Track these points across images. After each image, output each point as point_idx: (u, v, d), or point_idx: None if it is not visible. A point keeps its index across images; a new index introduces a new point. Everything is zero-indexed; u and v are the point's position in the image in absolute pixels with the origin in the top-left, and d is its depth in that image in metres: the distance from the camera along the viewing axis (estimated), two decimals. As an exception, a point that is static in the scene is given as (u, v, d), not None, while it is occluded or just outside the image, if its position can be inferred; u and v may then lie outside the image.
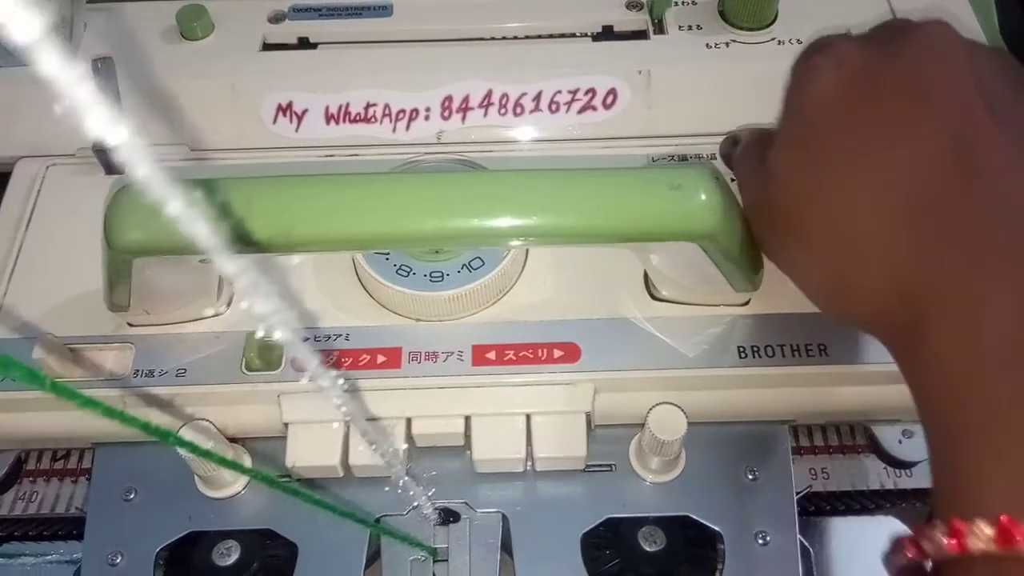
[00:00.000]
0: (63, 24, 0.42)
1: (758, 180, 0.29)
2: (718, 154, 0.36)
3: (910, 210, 0.23)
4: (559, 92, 0.42)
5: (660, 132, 0.42)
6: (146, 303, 0.35)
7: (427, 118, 0.42)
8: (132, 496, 0.36)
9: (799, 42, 0.43)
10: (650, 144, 0.41)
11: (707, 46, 0.43)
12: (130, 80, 0.41)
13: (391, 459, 0.30)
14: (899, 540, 0.22)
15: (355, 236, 0.30)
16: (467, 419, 0.35)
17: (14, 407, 0.36)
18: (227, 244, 0.16)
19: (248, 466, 0.36)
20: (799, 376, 0.35)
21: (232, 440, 0.36)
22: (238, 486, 0.36)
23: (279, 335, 0.19)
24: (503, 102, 0.42)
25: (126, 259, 0.30)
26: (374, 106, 0.42)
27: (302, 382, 0.33)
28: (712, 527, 0.35)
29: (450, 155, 0.41)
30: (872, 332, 0.25)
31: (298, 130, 0.42)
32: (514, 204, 0.29)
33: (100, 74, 0.38)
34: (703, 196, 0.29)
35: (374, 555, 0.35)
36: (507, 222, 0.29)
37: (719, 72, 0.42)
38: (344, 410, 0.24)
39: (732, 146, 0.34)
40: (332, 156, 0.42)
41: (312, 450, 0.34)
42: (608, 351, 0.35)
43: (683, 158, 0.41)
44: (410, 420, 0.35)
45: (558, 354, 0.35)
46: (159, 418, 0.35)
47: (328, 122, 0.42)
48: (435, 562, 0.35)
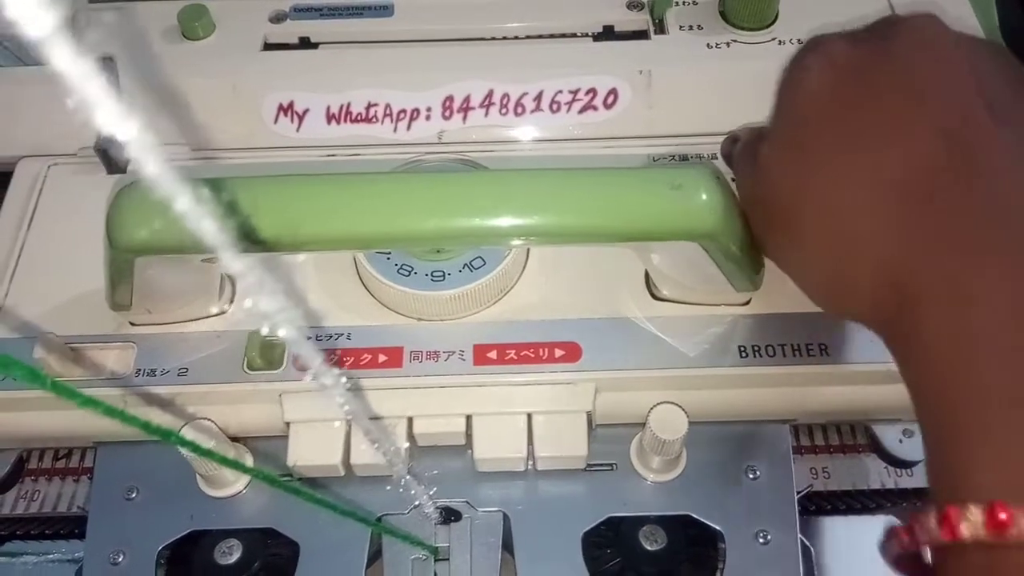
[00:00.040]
0: (65, 26, 0.42)
1: (753, 178, 0.29)
2: (719, 153, 0.36)
3: (902, 205, 0.23)
4: (560, 92, 0.42)
5: (661, 132, 0.42)
6: (148, 302, 0.35)
7: (428, 118, 0.42)
8: (134, 495, 0.36)
9: (800, 42, 0.43)
10: (651, 144, 0.41)
11: (708, 46, 0.43)
12: (132, 80, 0.41)
13: (392, 458, 0.30)
14: (893, 528, 0.22)
15: (357, 235, 0.30)
16: (468, 418, 0.35)
17: (16, 406, 0.36)
18: (231, 243, 0.16)
19: (250, 465, 0.36)
20: (800, 375, 0.35)
21: (234, 439, 0.36)
22: (240, 485, 0.36)
23: (283, 333, 0.19)
24: (504, 102, 0.42)
25: (128, 258, 0.30)
26: (375, 106, 0.42)
27: (305, 381, 0.34)
28: (713, 526, 0.35)
29: (451, 155, 0.41)
30: (868, 325, 0.26)
31: (299, 130, 0.42)
32: (515, 204, 0.29)
33: (102, 74, 0.38)
34: (704, 196, 0.29)
35: (375, 554, 0.35)
36: (509, 221, 0.29)
37: (720, 72, 0.42)
38: (346, 408, 0.24)
39: (733, 145, 0.34)
40: (333, 156, 0.42)
41: (314, 449, 0.34)
42: (609, 350, 0.35)
43: (684, 158, 0.41)
44: (411, 419, 0.35)
45: (559, 353, 0.35)
46: (161, 417, 0.35)
47: (329, 122, 0.42)
48: (436, 561, 0.35)
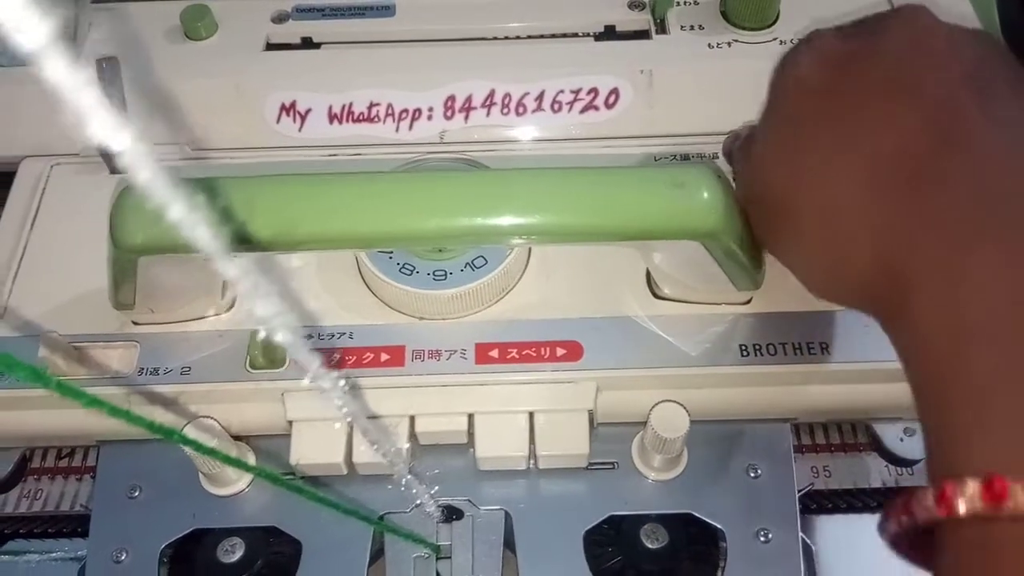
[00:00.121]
0: (68, 27, 0.42)
1: (748, 173, 0.30)
2: (721, 152, 0.36)
3: (893, 191, 0.24)
4: (561, 92, 0.42)
5: (662, 131, 0.42)
6: (151, 301, 0.35)
7: (430, 118, 0.42)
8: (137, 493, 0.36)
9: (800, 42, 0.43)
10: (652, 143, 0.41)
11: (709, 46, 0.43)
12: (134, 80, 0.41)
13: (394, 457, 0.30)
14: (890, 506, 0.22)
15: (359, 234, 0.30)
16: (470, 417, 0.35)
17: (19, 405, 0.36)
18: (231, 243, 0.16)
19: (252, 464, 0.36)
20: (801, 374, 0.35)
21: (236, 438, 0.36)
22: (242, 484, 0.36)
23: (280, 337, 0.19)
24: (505, 102, 0.42)
25: (131, 257, 0.31)
26: (377, 106, 0.42)
27: (305, 381, 0.34)
28: (714, 525, 0.35)
29: (453, 155, 0.41)
30: (865, 311, 0.26)
31: (301, 130, 0.42)
32: (518, 203, 0.29)
33: (105, 74, 0.38)
34: (705, 194, 0.29)
35: (378, 552, 0.35)
36: (511, 220, 0.29)
37: (721, 72, 0.42)
38: (345, 411, 0.25)
39: (735, 143, 0.34)
40: (335, 155, 0.42)
41: (316, 448, 0.35)
42: (610, 349, 0.35)
43: (685, 157, 0.41)
44: (413, 418, 0.35)
45: (561, 352, 0.35)
46: (164, 416, 0.35)
47: (331, 122, 0.42)
48: (438, 559, 0.35)
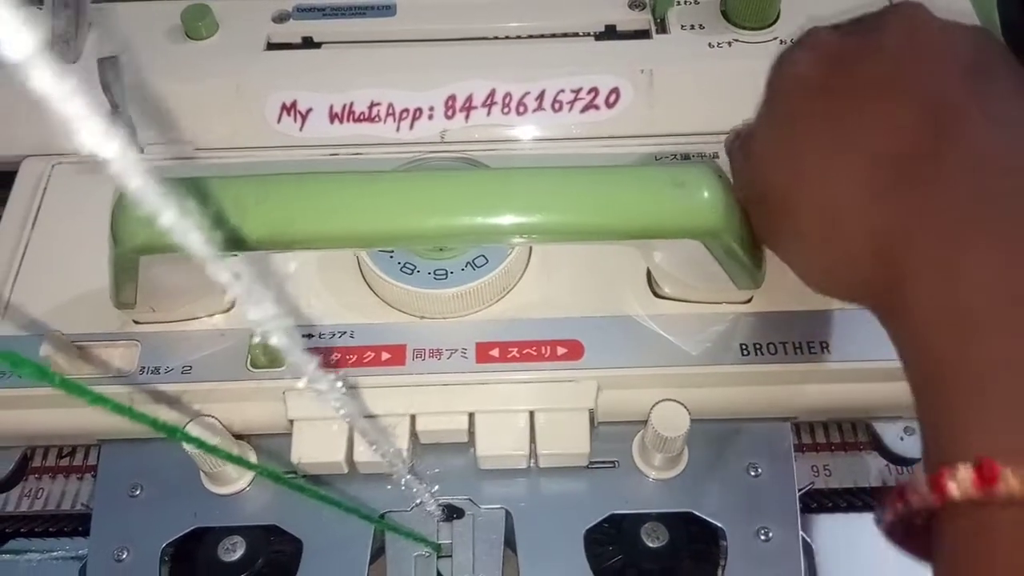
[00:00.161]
0: (57, 39, 0.42)
1: (746, 169, 0.30)
2: (723, 150, 0.36)
3: (888, 183, 0.24)
4: (562, 91, 0.42)
5: (663, 131, 0.42)
6: (152, 301, 0.35)
7: (431, 117, 0.42)
8: (138, 492, 0.36)
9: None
10: (653, 143, 0.42)
11: (709, 45, 0.43)
12: (135, 79, 0.41)
13: (394, 456, 0.30)
14: (887, 494, 0.22)
15: (359, 233, 0.30)
16: (471, 416, 0.35)
17: (20, 404, 0.36)
18: (233, 243, 0.16)
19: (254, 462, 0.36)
20: (801, 373, 0.35)
21: (237, 437, 0.36)
22: (243, 482, 0.36)
23: (275, 340, 0.19)
24: (506, 101, 0.42)
25: (133, 257, 0.31)
26: (378, 105, 0.42)
27: (303, 384, 0.34)
28: (714, 523, 0.35)
29: (454, 154, 0.41)
30: (860, 303, 0.26)
31: (302, 129, 0.42)
32: (519, 201, 0.29)
33: (106, 73, 0.38)
34: (706, 193, 0.29)
35: (378, 551, 0.35)
36: (512, 219, 0.29)
37: (721, 71, 0.42)
38: (343, 412, 0.25)
39: (735, 141, 0.34)
40: (336, 155, 0.42)
41: (317, 446, 0.35)
42: (611, 348, 0.35)
43: (686, 156, 0.41)
44: (414, 417, 0.35)
45: (561, 351, 0.35)
46: (165, 415, 0.35)
47: (332, 121, 0.42)
48: (439, 558, 0.35)
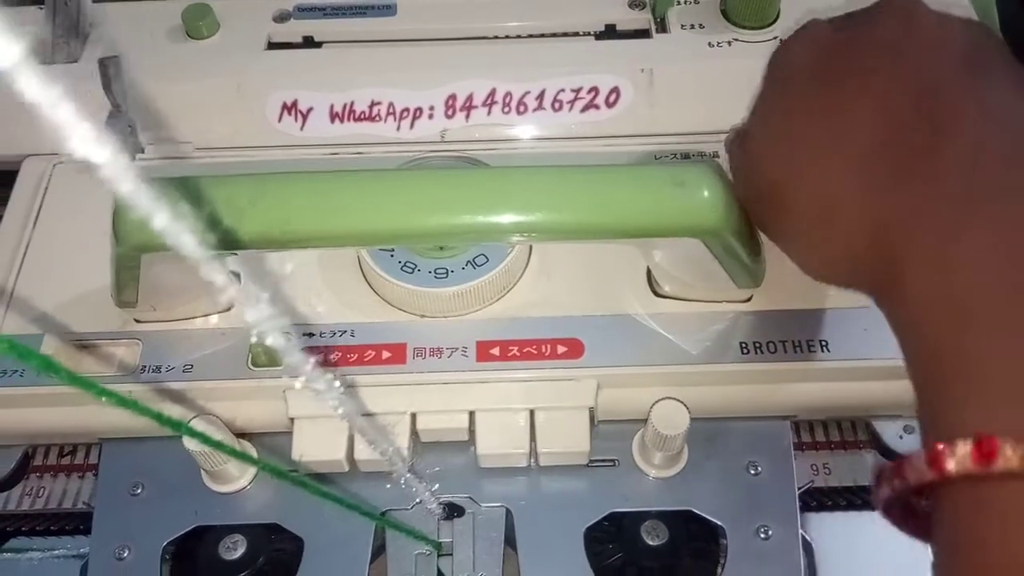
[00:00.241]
0: (57, 39, 0.42)
1: (742, 156, 0.30)
2: (723, 149, 0.36)
3: (882, 171, 0.24)
4: (562, 91, 0.42)
5: (663, 130, 0.42)
6: (153, 299, 0.35)
7: (431, 117, 0.42)
8: (139, 491, 0.36)
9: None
10: (653, 142, 0.42)
11: (709, 45, 0.43)
12: (136, 79, 0.42)
13: (395, 455, 0.31)
14: (883, 470, 0.21)
15: (360, 232, 0.30)
16: (471, 414, 0.35)
17: (21, 403, 0.36)
18: (233, 241, 0.17)
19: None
20: (801, 372, 0.35)
21: (238, 435, 0.36)
22: (244, 481, 0.36)
23: (271, 341, 0.19)
24: (506, 101, 0.42)
25: (134, 255, 0.31)
26: (378, 105, 0.42)
27: (300, 384, 0.34)
28: (714, 521, 0.35)
29: (454, 153, 0.41)
30: (857, 287, 0.26)
31: (303, 128, 0.42)
32: (520, 200, 0.29)
33: (107, 73, 0.38)
34: (706, 192, 0.29)
35: (379, 549, 0.35)
36: (513, 218, 0.29)
37: (721, 71, 0.42)
38: (341, 412, 0.25)
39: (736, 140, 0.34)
40: (336, 154, 0.42)
41: (318, 445, 0.35)
42: (611, 347, 0.35)
43: (686, 156, 0.41)
44: (415, 415, 0.35)
45: (561, 350, 0.35)
46: (167, 413, 0.35)
47: (333, 120, 0.42)
48: (440, 556, 0.35)
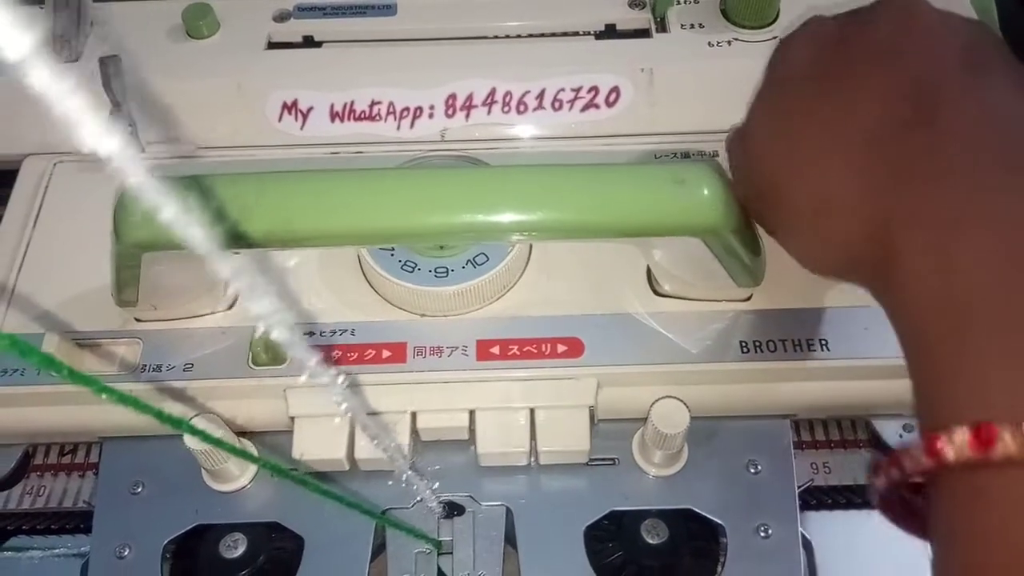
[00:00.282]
0: (57, 38, 0.42)
1: (741, 149, 0.30)
2: (723, 148, 0.36)
3: (878, 158, 0.24)
4: (562, 90, 0.42)
5: (663, 129, 0.42)
6: (154, 299, 0.35)
7: (431, 116, 0.42)
8: (140, 490, 0.36)
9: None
10: (653, 141, 0.42)
11: (709, 44, 0.43)
12: (136, 78, 0.42)
13: (395, 453, 0.31)
14: (879, 461, 0.21)
15: (360, 230, 0.30)
16: (471, 413, 0.35)
17: (22, 402, 0.36)
18: (233, 240, 0.17)
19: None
20: (801, 371, 0.35)
21: (239, 434, 0.36)
22: (244, 479, 0.36)
23: (278, 334, 0.19)
24: (506, 100, 0.42)
25: (135, 254, 0.31)
26: (378, 104, 0.42)
27: (303, 381, 0.34)
28: (714, 520, 0.35)
29: (454, 153, 0.41)
30: (854, 279, 0.26)
31: (303, 128, 0.42)
32: (520, 199, 0.29)
33: (107, 72, 0.38)
34: (706, 191, 0.29)
35: (379, 547, 0.35)
36: (513, 217, 0.29)
37: (721, 70, 0.42)
38: (345, 407, 0.25)
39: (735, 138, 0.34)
40: (337, 154, 0.42)
41: (318, 443, 0.35)
42: (611, 346, 0.35)
43: (686, 155, 0.41)
44: (415, 414, 0.35)
45: (562, 349, 0.35)
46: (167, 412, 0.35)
47: (333, 120, 0.42)
48: (440, 554, 0.35)
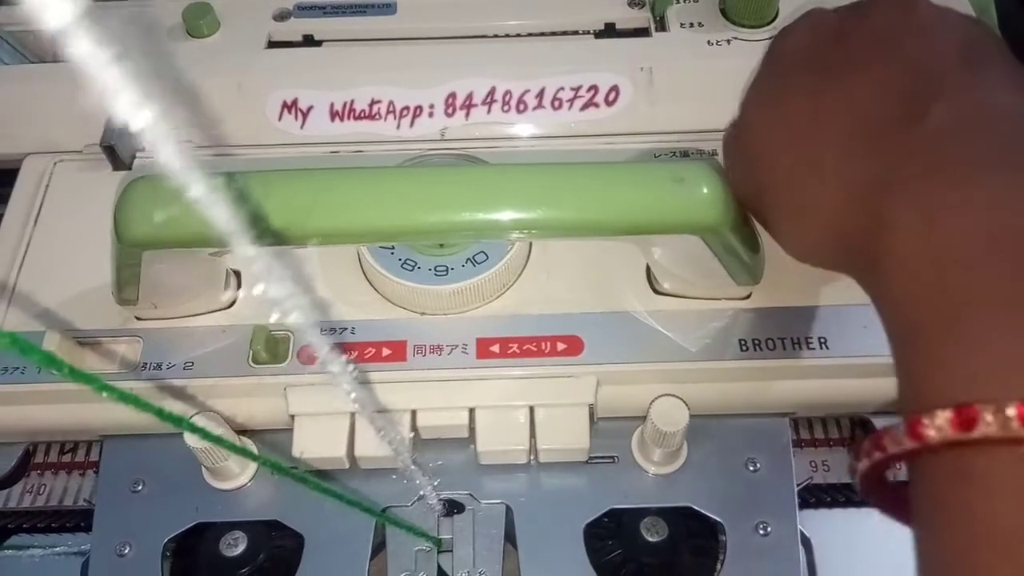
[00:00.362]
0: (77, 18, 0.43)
1: (735, 145, 0.30)
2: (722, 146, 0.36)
3: (874, 142, 0.24)
4: (562, 89, 0.42)
5: (662, 128, 0.42)
6: (154, 297, 0.35)
7: (431, 115, 0.42)
8: (140, 488, 0.36)
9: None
10: (652, 140, 0.42)
11: (708, 43, 0.43)
12: (136, 77, 0.42)
13: (396, 451, 0.31)
14: (861, 442, 0.21)
15: (360, 229, 0.30)
16: (471, 411, 0.35)
17: (22, 400, 0.36)
18: (237, 237, 0.17)
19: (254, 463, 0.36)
20: (800, 369, 0.35)
21: (239, 433, 0.36)
22: (245, 478, 0.36)
23: (293, 320, 0.19)
24: (506, 99, 0.42)
25: (135, 252, 0.31)
26: (378, 103, 0.42)
27: (312, 369, 0.34)
28: (713, 518, 0.35)
29: (454, 151, 0.41)
30: (841, 267, 0.26)
31: (303, 127, 0.42)
32: (519, 198, 0.29)
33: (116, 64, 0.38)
34: (705, 189, 0.29)
35: (379, 545, 0.35)
36: (513, 215, 0.29)
37: (720, 69, 0.42)
38: (353, 397, 0.25)
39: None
40: (337, 153, 0.42)
41: (318, 442, 0.35)
42: (611, 344, 0.35)
43: (685, 154, 0.41)
44: (415, 412, 0.35)
45: (561, 347, 0.35)
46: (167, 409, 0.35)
47: (333, 119, 0.42)
48: (440, 552, 0.35)
